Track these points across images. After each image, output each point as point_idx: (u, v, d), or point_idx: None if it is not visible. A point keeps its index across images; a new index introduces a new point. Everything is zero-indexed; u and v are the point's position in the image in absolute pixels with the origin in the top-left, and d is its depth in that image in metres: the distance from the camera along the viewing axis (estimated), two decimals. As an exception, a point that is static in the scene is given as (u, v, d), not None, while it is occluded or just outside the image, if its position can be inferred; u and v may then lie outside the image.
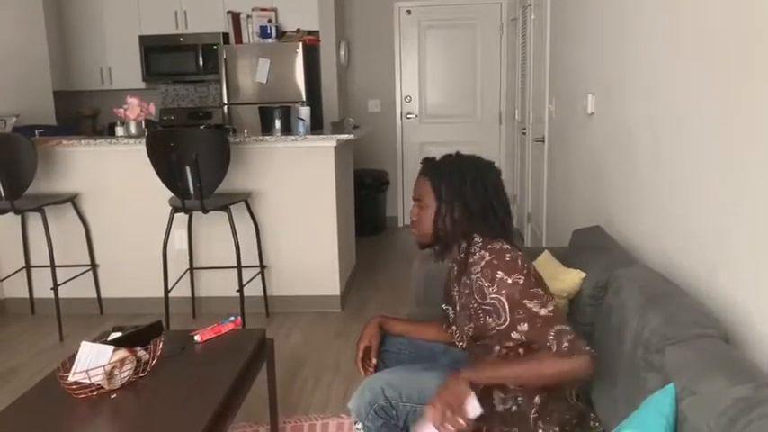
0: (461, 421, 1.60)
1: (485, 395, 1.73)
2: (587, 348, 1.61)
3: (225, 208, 3.71)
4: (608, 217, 2.86)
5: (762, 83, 1.51)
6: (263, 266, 4.15)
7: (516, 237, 5.96)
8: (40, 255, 4.18)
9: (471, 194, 1.87)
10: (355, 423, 1.90)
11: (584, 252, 2.45)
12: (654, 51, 2.28)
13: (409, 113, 6.68)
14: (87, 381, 1.94)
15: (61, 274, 3.99)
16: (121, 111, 4.14)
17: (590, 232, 2.64)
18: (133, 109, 4.11)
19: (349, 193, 4.84)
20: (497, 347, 1.80)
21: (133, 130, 4.16)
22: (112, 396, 1.96)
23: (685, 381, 1.37)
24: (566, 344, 1.61)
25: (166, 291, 3.84)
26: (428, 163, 1.95)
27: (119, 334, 2.19)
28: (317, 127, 5.26)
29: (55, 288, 3.84)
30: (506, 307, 1.70)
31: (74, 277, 4.15)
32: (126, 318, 4.00)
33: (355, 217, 5.09)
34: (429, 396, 1.74)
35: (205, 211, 3.70)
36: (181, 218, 3.97)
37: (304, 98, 5.64)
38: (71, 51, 6.33)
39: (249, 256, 4.06)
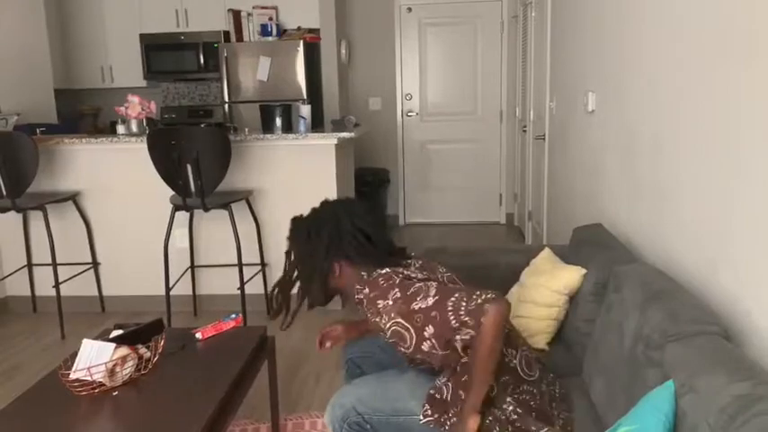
0: None
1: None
2: (482, 301, 1.63)
3: (226, 206, 3.72)
4: (608, 214, 2.87)
5: (763, 80, 1.51)
6: (263, 264, 4.16)
7: (516, 234, 5.96)
8: (41, 253, 4.19)
9: (327, 238, 1.91)
10: None
11: (584, 249, 2.45)
12: (654, 49, 2.28)
13: (410, 111, 6.68)
14: (89, 378, 1.95)
15: (63, 272, 4.00)
16: (122, 109, 4.15)
17: (591, 229, 2.64)
18: (134, 107, 4.12)
19: (350, 191, 4.84)
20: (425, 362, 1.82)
21: (134, 128, 4.17)
22: (114, 393, 1.97)
23: (685, 377, 1.38)
24: (466, 317, 1.62)
25: (168, 288, 3.84)
26: (291, 233, 2.04)
27: (120, 331, 2.19)
28: (317, 125, 5.27)
29: (56, 286, 3.85)
30: (406, 324, 1.71)
31: (75, 275, 4.16)
32: (127, 315, 4.00)
33: (356, 215, 5.08)
34: (401, 405, 1.76)
35: (206, 210, 3.70)
36: (182, 216, 3.98)
37: (305, 96, 5.64)
38: (72, 50, 6.33)
39: (250, 254, 4.06)
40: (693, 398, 1.32)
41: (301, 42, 5.66)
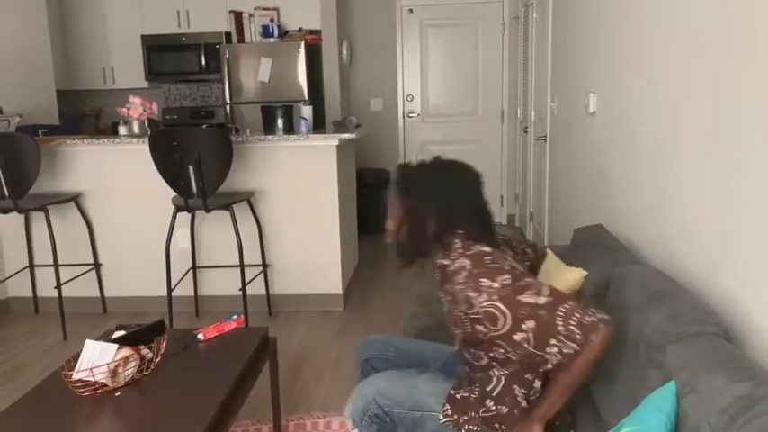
0: None
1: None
2: (597, 320, 1.60)
3: (227, 207, 3.72)
4: (610, 215, 2.87)
5: (763, 80, 1.51)
6: (265, 265, 4.16)
7: (518, 235, 5.97)
8: (43, 254, 4.20)
9: (443, 200, 1.84)
10: (352, 429, 1.91)
11: (586, 250, 2.45)
12: (654, 50, 2.28)
13: (411, 112, 6.69)
14: (91, 379, 1.95)
15: (64, 273, 4.00)
16: (124, 110, 4.15)
17: (592, 230, 2.64)
18: (136, 108, 4.13)
19: (351, 191, 4.85)
20: (484, 356, 1.81)
21: (136, 129, 4.17)
22: (116, 394, 1.98)
23: (686, 378, 1.38)
24: (576, 329, 1.59)
25: (169, 289, 3.85)
26: (398, 172, 1.92)
27: (122, 332, 2.20)
28: (319, 126, 5.27)
29: (58, 287, 3.86)
30: (505, 311, 1.67)
31: (77, 276, 4.16)
32: (129, 316, 4.01)
33: (357, 216, 5.09)
34: (421, 401, 1.76)
35: (208, 211, 3.70)
36: (183, 217, 3.98)
37: (306, 97, 5.64)
38: (74, 51, 6.34)
39: (252, 255, 4.07)
40: (695, 398, 1.32)
41: (303, 43, 5.67)
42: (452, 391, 1.85)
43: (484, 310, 1.69)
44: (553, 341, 1.62)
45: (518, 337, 1.66)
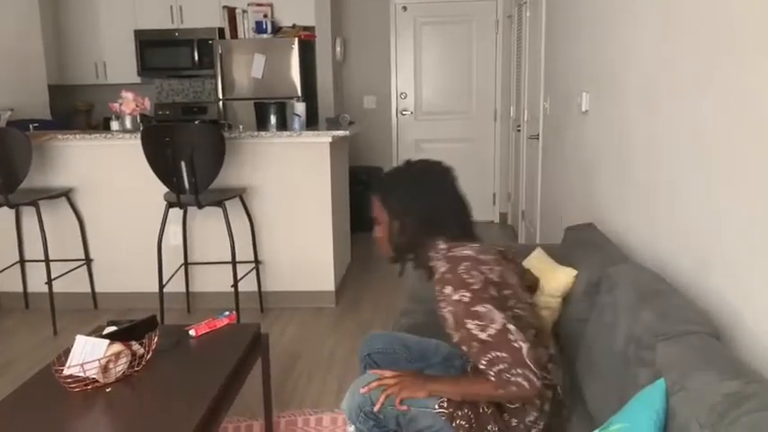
0: (398, 405, 1.77)
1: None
2: (515, 383, 1.63)
3: (220, 203, 3.72)
4: (601, 214, 2.88)
5: (756, 81, 1.53)
6: (257, 262, 4.16)
7: (510, 233, 5.98)
8: (34, 249, 4.18)
9: (421, 203, 1.87)
10: (348, 424, 1.91)
11: (577, 249, 2.46)
12: (648, 50, 2.29)
13: (404, 110, 6.69)
14: (82, 374, 1.95)
15: (55, 269, 3.99)
16: (116, 105, 4.13)
17: (583, 230, 2.65)
18: (128, 103, 4.11)
19: (344, 189, 4.85)
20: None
21: (128, 124, 4.15)
22: (107, 390, 1.97)
23: (676, 376, 1.39)
24: (492, 375, 1.65)
25: (161, 286, 3.84)
26: (375, 183, 1.97)
27: (114, 328, 2.19)
28: (312, 123, 5.26)
29: (49, 282, 3.84)
30: (452, 324, 1.73)
31: (68, 272, 4.15)
32: (120, 312, 4.00)
33: (350, 213, 5.09)
34: (415, 401, 1.79)
35: (200, 207, 3.70)
36: (176, 213, 3.97)
37: (299, 94, 5.64)
38: (66, 45, 6.31)
39: (244, 252, 4.06)
40: (684, 396, 1.33)
41: (296, 40, 5.66)
42: None
43: (443, 315, 1.76)
44: (475, 361, 1.70)
45: (464, 347, 1.74)
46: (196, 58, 6.10)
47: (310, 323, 3.98)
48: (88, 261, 4.26)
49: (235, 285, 3.82)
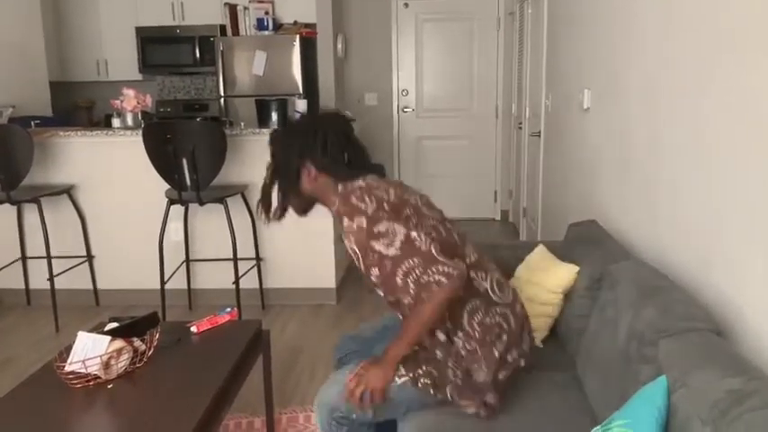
0: (378, 401, 1.75)
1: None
2: (434, 281, 1.64)
3: (221, 200, 3.72)
4: (603, 211, 2.88)
5: (758, 78, 1.52)
6: (259, 259, 4.16)
7: (511, 231, 5.98)
8: (35, 246, 4.18)
9: (303, 150, 1.91)
10: None
11: (579, 246, 2.46)
12: (649, 47, 2.29)
13: (406, 107, 6.68)
14: (84, 371, 1.95)
15: (57, 266, 3.99)
16: (118, 102, 4.14)
17: (585, 226, 2.65)
18: (129, 100, 4.11)
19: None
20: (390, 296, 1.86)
21: (129, 121, 4.15)
22: (109, 386, 1.97)
23: (677, 373, 1.39)
24: (412, 288, 1.66)
25: (162, 282, 3.84)
26: (270, 135, 2.05)
27: (115, 324, 2.20)
28: (313, 120, 5.25)
29: (51, 279, 3.85)
30: (358, 253, 1.75)
31: (70, 268, 4.15)
32: (122, 309, 4.00)
33: (351, 210, 5.08)
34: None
35: (201, 204, 3.70)
36: (177, 210, 3.97)
37: (301, 91, 5.64)
38: (68, 42, 6.31)
39: (245, 249, 4.06)
40: (686, 393, 1.33)
41: (297, 37, 5.65)
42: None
43: (349, 250, 1.78)
44: (396, 291, 1.72)
45: (373, 277, 1.77)
46: (197, 55, 6.10)
47: (311, 320, 3.98)
48: (90, 258, 4.26)
49: (236, 282, 3.83)
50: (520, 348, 1.88)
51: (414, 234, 1.70)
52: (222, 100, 5.83)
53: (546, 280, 2.34)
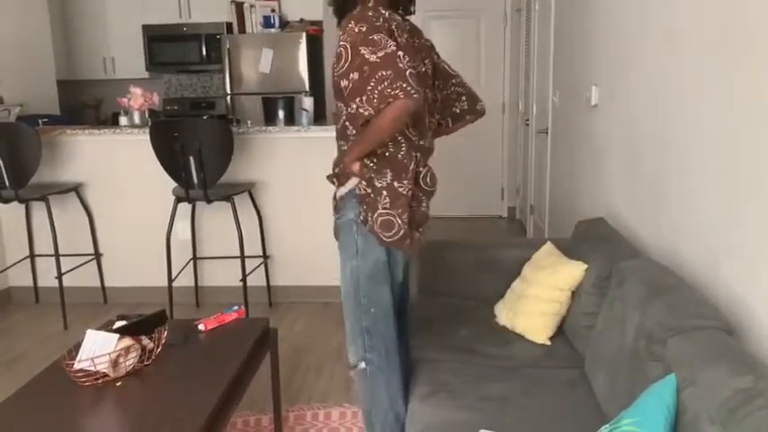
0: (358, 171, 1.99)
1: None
2: (394, 95, 1.74)
3: (228, 198, 3.72)
4: (611, 209, 2.87)
5: (764, 75, 1.51)
6: (266, 256, 4.17)
7: (518, 228, 5.96)
8: (44, 244, 4.20)
9: None
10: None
11: (587, 244, 2.46)
12: (659, 43, 2.28)
13: (412, 104, 6.66)
14: (92, 368, 1.96)
15: (65, 263, 4.01)
16: (125, 100, 4.15)
17: (593, 224, 2.64)
18: (137, 99, 4.12)
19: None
20: (345, 116, 1.98)
21: (137, 119, 4.17)
22: (117, 384, 1.98)
23: (686, 371, 1.38)
24: (376, 94, 1.75)
25: (170, 280, 3.85)
26: None
27: (124, 322, 2.20)
28: (320, 117, 5.26)
29: (59, 277, 3.86)
30: (347, 53, 1.84)
31: (78, 266, 4.17)
32: (129, 307, 4.01)
33: (358, 207, 5.09)
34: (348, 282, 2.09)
35: (208, 201, 3.70)
36: (184, 207, 3.98)
37: (307, 88, 5.63)
38: (75, 40, 6.32)
39: (252, 246, 4.07)
40: (695, 391, 1.33)
41: (304, 34, 5.65)
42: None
43: (337, 49, 1.88)
44: (358, 99, 1.81)
45: (344, 83, 1.86)
46: (204, 52, 6.11)
47: (318, 317, 3.98)
48: (98, 255, 4.28)
49: (243, 280, 3.83)
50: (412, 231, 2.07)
51: (400, 54, 1.80)
52: (229, 98, 5.84)
53: (554, 277, 2.34)
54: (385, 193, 1.99)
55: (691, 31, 1.98)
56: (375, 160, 2.00)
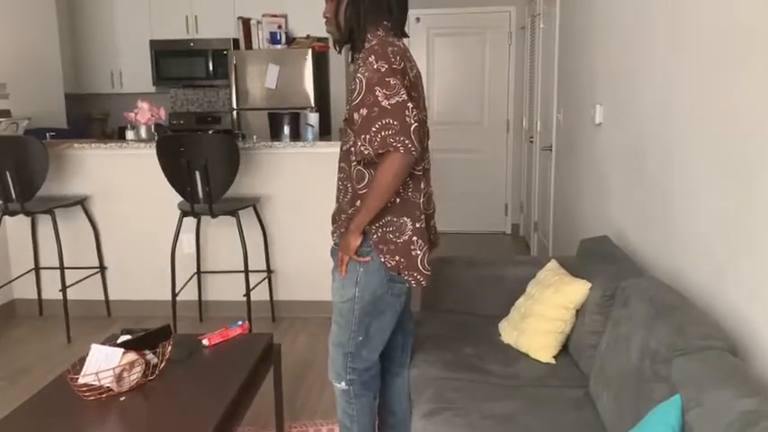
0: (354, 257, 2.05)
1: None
2: (392, 147, 1.82)
3: (233, 213, 3.74)
4: (615, 227, 2.87)
5: (771, 97, 1.52)
6: (270, 271, 4.17)
7: (522, 245, 5.96)
8: (49, 256, 4.21)
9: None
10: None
11: (591, 262, 2.46)
12: (663, 62, 2.29)
13: (417, 120, 6.68)
14: (97, 383, 1.96)
15: (70, 276, 4.01)
16: (132, 115, 4.17)
17: (597, 242, 2.65)
18: (144, 113, 4.15)
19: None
20: (351, 145, 2.00)
21: (143, 134, 4.19)
22: (121, 398, 1.98)
23: (692, 392, 1.38)
24: (377, 142, 1.82)
25: (174, 294, 3.86)
26: None
27: (128, 337, 2.21)
28: (325, 133, 5.27)
29: (63, 290, 3.87)
30: (362, 89, 1.89)
31: (82, 279, 4.18)
32: (133, 320, 4.02)
33: (362, 223, 5.09)
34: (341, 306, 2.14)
35: (213, 216, 3.72)
36: (189, 222, 3.99)
37: (313, 104, 5.66)
38: (83, 55, 6.38)
39: (256, 261, 4.07)
40: (700, 413, 1.32)
41: (310, 51, 5.69)
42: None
43: (355, 79, 1.94)
44: (363, 136, 1.87)
45: (355, 116, 1.91)
46: (211, 68, 6.15)
47: (322, 333, 3.97)
48: (102, 269, 4.29)
49: (247, 294, 3.83)
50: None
51: (410, 105, 1.87)
52: (235, 113, 5.87)
53: (558, 296, 2.33)
54: (414, 237, 2.06)
55: (696, 49, 2.00)
56: (388, 218, 2.05)
